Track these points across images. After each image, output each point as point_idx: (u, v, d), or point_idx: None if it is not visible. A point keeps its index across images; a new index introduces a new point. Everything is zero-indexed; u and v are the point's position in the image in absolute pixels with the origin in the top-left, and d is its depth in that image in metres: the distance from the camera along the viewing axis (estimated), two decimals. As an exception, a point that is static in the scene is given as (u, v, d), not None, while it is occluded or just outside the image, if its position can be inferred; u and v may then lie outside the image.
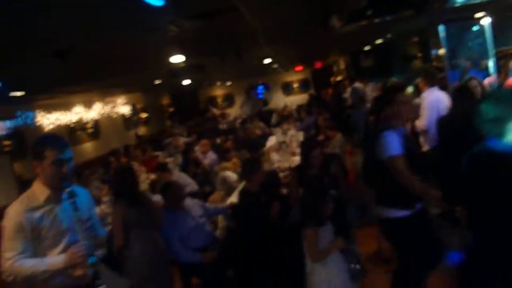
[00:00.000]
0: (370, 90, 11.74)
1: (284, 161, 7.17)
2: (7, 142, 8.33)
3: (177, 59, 5.98)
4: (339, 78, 17.19)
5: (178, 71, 7.38)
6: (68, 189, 2.56)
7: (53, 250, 2.58)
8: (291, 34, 6.92)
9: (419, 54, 12.97)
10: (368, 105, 10.35)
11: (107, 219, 5.54)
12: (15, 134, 8.45)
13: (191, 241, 4.38)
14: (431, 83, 5.49)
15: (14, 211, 2.50)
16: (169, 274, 4.26)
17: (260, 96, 19.35)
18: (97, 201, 6.74)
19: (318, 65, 17.82)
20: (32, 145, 2.61)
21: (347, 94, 11.64)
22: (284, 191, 5.28)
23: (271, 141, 9.22)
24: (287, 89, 19.99)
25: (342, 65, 17.57)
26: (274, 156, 7.61)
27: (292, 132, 10.08)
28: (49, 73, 5.71)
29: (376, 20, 5.47)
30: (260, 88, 19.76)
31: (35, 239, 2.52)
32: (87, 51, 4.50)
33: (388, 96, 3.99)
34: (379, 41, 12.36)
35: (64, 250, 2.58)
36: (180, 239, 4.34)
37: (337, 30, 5.70)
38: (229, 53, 5.97)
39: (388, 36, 11.21)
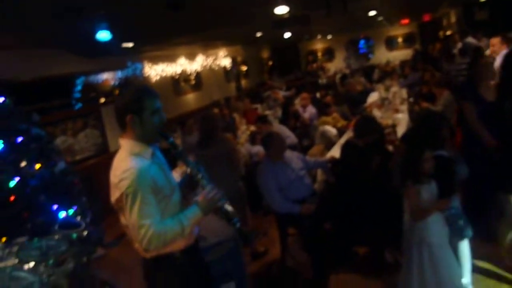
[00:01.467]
0: (484, 46, 10.88)
1: (386, 118, 6.93)
2: (118, 91, 8.83)
3: (281, 10, 5.89)
4: (448, 32, 16.09)
5: (282, 22, 7.28)
6: (169, 140, 2.45)
7: (170, 208, 2.39)
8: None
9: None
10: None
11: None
12: (126, 84, 8.90)
13: (290, 192, 4.43)
14: None
15: (136, 172, 2.21)
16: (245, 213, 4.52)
17: (362, 51, 18.71)
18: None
19: (426, 18, 16.74)
20: (125, 102, 2.33)
21: (456, 49, 10.87)
22: (389, 147, 5.13)
23: (373, 97, 8.92)
24: (390, 43, 19.07)
25: (452, 18, 16.41)
26: (376, 113, 7.37)
27: (395, 88, 9.68)
28: (157, 25, 5.89)
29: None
30: (362, 42, 19.07)
31: (157, 200, 2.31)
32: (192, 2, 4.54)
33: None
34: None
35: (180, 206, 2.48)
36: (279, 190, 4.39)
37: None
38: (335, 4, 5.74)
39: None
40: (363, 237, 4.58)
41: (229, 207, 2.48)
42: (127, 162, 2.25)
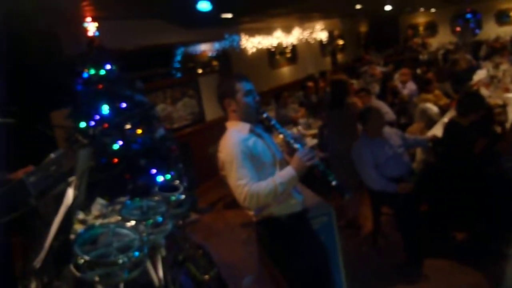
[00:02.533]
0: None
1: (495, 97, 6.43)
2: (215, 63, 8.97)
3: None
4: None
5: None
6: (264, 115, 2.71)
7: (270, 174, 2.60)
8: None
9: None
10: None
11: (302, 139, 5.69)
12: (223, 56, 9.02)
13: (387, 170, 4.27)
14: None
15: (232, 143, 2.57)
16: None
17: (468, 25, 17.47)
18: (294, 123, 6.97)
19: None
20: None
21: None
22: (497, 129, 4.77)
23: (480, 75, 8.32)
24: (501, 18, 17.61)
25: None
26: (484, 91, 6.86)
27: (505, 66, 8.94)
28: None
29: None
30: (469, 16, 17.79)
31: (255, 167, 2.57)
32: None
33: None
34: None
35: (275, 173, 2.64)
36: (375, 166, 4.26)
37: None
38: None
39: None
40: (463, 222, 4.32)
41: (323, 166, 2.61)
42: (228, 136, 2.65)
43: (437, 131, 5.14)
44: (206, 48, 8.68)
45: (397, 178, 4.24)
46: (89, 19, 4.78)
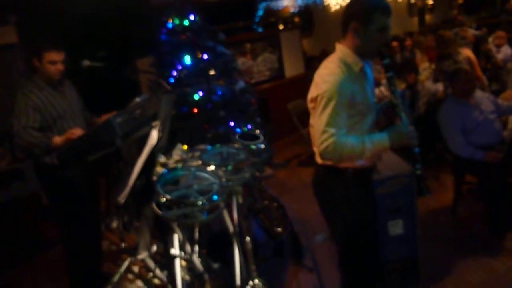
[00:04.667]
0: None
1: None
2: (297, 19, 8.81)
3: None
4: None
5: None
6: (385, 61, 2.31)
7: (361, 127, 2.36)
8: None
9: None
10: None
11: (384, 101, 5.50)
12: (305, 12, 8.84)
13: (475, 136, 4.02)
14: None
15: (338, 81, 2.20)
16: None
17: None
18: (377, 83, 6.75)
19: None
20: (356, 4, 2.27)
21: None
22: None
23: None
24: None
25: None
26: None
27: None
28: None
29: None
30: None
31: (349, 113, 2.27)
32: None
33: None
34: None
35: (368, 129, 2.39)
36: (463, 131, 4.02)
37: None
38: None
39: None
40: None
41: (417, 150, 2.32)
42: (335, 66, 2.25)
43: (534, 98, 4.76)
44: (288, 4, 8.53)
45: (485, 146, 3.99)
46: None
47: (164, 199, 2.05)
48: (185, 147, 2.98)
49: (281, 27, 8.39)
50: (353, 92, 2.23)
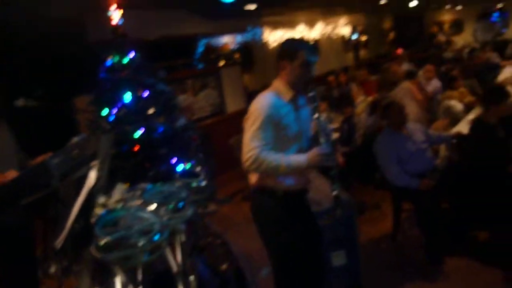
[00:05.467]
0: None
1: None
2: (237, 55, 8.96)
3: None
4: None
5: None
6: (310, 94, 2.60)
7: (289, 149, 2.61)
8: None
9: None
10: None
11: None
12: (245, 49, 9.00)
13: (410, 165, 4.22)
14: None
15: (265, 103, 2.52)
16: None
17: (496, 24, 17.14)
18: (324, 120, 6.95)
19: None
20: (284, 46, 2.68)
21: None
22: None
23: (506, 73, 8.18)
24: (530, 16, 17.27)
25: None
26: (511, 89, 6.72)
27: (533, 65, 8.76)
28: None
29: None
30: (496, 14, 17.45)
31: (276, 135, 2.55)
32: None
33: None
34: None
35: (297, 152, 2.62)
36: (398, 161, 4.20)
37: None
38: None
39: None
40: (485, 222, 4.23)
41: (336, 173, 2.58)
42: (267, 94, 2.60)
43: (462, 128, 5.05)
44: (228, 40, 8.67)
45: (419, 174, 4.18)
46: (113, 7, 4.79)
47: (104, 241, 2.00)
48: (126, 186, 2.93)
49: (221, 63, 8.49)
50: (281, 116, 2.53)
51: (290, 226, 2.67)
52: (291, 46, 2.63)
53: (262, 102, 2.54)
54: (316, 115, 2.61)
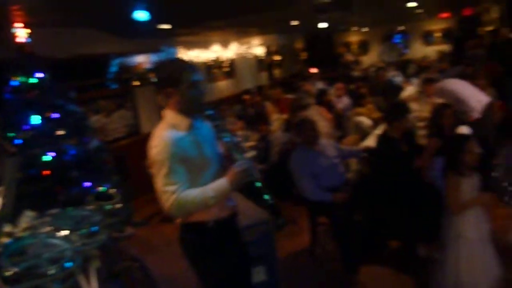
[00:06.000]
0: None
1: (423, 111, 6.75)
2: (152, 75, 8.84)
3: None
4: (489, 28, 15.64)
5: (323, 6, 7.14)
6: (207, 112, 2.45)
7: (203, 180, 2.40)
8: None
9: None
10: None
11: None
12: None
13: (323, 180, 4.34)
14: None
15: (166, 142, 2.28)
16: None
17: (398, 45, 18.33)
18: (233, 135, 7.00)
19: (467, 12, 16.25)
20: (162, 72, 2.40)
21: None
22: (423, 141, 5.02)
23: (409, 90, 8.74)
24: (428, 38, 18.67)
25: (494, 14, 15.94)
26: (413, 106, 7.19)
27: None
28: (194, 6, 5.84)
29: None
30: (398, 36, 18.68)
31: (186, 170, 2.34)
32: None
33: None
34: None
35: (212, 179, 2.41)
36: (312, 177, 4.32)
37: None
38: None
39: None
40: (395, 231, 4.46)
41: (260, 184, 2.43)
42: (161, 131, 2.35)
43: (371, 142, 5.31)
44: (142, 60, 8.54)
45: (332, 188, 4.32)
46: (19, 25, 4.58)
47: (10, 272, 1.88)
48: (35, 212, 2.78)
49: (135, 83, 8.34)
50: (185, 149, 2.33)
51: (224, 258, 2.51)
52: (172, 71, 2.38)
53: (161, 143, 2.30)
54: (222, 133, 2.46)
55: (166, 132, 2.32)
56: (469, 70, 8.08)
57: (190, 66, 2.43)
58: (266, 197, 2.46)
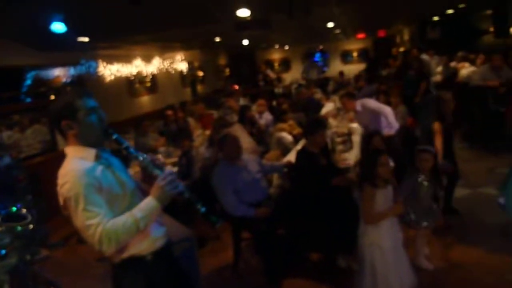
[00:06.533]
0: (435, 63, 11.29)
1: (342, 127, 7.01)
2: (69, 88, 8.52)
3: (244, 13, 5.87)
4: (401, 49, 16.64)
5: (244, 25, 7.26)
6: (113, 137, 2.27)
7: (125, 207, 2.23)
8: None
9: (491, 29, 12.34)
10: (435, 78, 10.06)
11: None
12: (78, 82, 8.61)
13: (246, 195, 4.37)
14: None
15: (76, 175, 2.09)
16: None
17: (318, 63, 19.02)
18: (154, 151, 6.88)
19: (381, 33, 17.24)
20: (55, 108, 2.22)
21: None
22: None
23: (328, 107, 9.06)
24: (346, 57, 19.55)
25: (406, 36, 16.99)
26: (332, 122, 7.45)
27: (350, 99, 9.85)
28: (115, 19, 5.72)
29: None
30: (318, 55, 19.40)
31: (105, 200, 2.16)
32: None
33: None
34: (449, 11, 11.77)
35: (134, 206, 2.23)
36: (234, 192, 4.33)
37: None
38: (297, 7, 5.74)
39: (460, 5, 10.65)
40: (316, 243, 4.57)
41: (188, 193, 2.30)
42: (68, 165, 2.15)
43: (291, 157, 5.41)
44: (60, 73, 8.21)
45: (255, 203, 4.36)
46: None
47: None
48: None
49: (52, 97, 7.98)
50: (97, 179, 2.15)
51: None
52: (65, 102, 2.20)
53: (71, 178, 2.09)
54: (133, 154, 2.30)
55: (74, 165, 2.13)
56: (383, 88, 8.51)
57: (83, 93, 2.26)
58: (199, 205, 2.28)
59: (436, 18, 13.55)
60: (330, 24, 10.58)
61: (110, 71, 9.80)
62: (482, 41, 12.77)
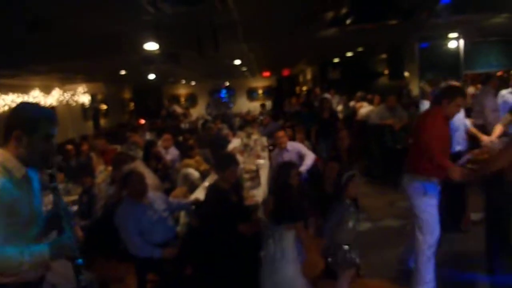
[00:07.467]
0: (336, 102, 11.85)
1: (249, 163, 7.04)
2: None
3: (151, 46, 5.76)
4: (304, 88, 17.33)
5: (151, 58, 7.13)
6: (49, 171, 2.22)
7: (23, 238, 2.13)
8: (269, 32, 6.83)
9: (386, 71, 13.22)
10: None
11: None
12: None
13: (152, 235, 4.16)
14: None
15: None
16: None
17: (224, 100, 19.27)
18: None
19: (286, 72, 17.88)
20: (21, 113, 2.16)
21: (316, 102, 11.71)
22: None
23: (234, 143, 9.11)
24: (251, 94, 20.01)
25: (308, 75, 17.73)
26: (239, 158, 7.46)
27: (255, 136, 10.03)
28: (9, 47, 5.36)
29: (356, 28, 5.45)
30: (224, 91, 19.68)
31: (7, 223, 2.05)
32: (57, 25, 4.21)
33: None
34: (349, 54, 12.47)
35: (34, 240, 2.18)
36: (140, 232, 4.11)
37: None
38: (206, 43, 5.75)
39: (359, 49, 11.33)
40: (225, 282, 4.45)
41: (80, 262, 2.19)
42: None
43: (199, 194, 5.30)
44: None
45: (162, 243, 4.16)
46: None
47: None
48: None
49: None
50: (14, 200, 2.04)
51: None
52: (32, 115, 2.15)
53: None
54: (57, 198, 2.25)
55: (1, 175, 2.03)
56: (288, 125, 8.74)
57: (51, 117, 2.21)
58: (81, 277, 2.18)
59: (336, 60, 14.27)
60: (237, 62, 10.75)
61: (4, 101, 9.18)
62: (378, 83, 13.63)
